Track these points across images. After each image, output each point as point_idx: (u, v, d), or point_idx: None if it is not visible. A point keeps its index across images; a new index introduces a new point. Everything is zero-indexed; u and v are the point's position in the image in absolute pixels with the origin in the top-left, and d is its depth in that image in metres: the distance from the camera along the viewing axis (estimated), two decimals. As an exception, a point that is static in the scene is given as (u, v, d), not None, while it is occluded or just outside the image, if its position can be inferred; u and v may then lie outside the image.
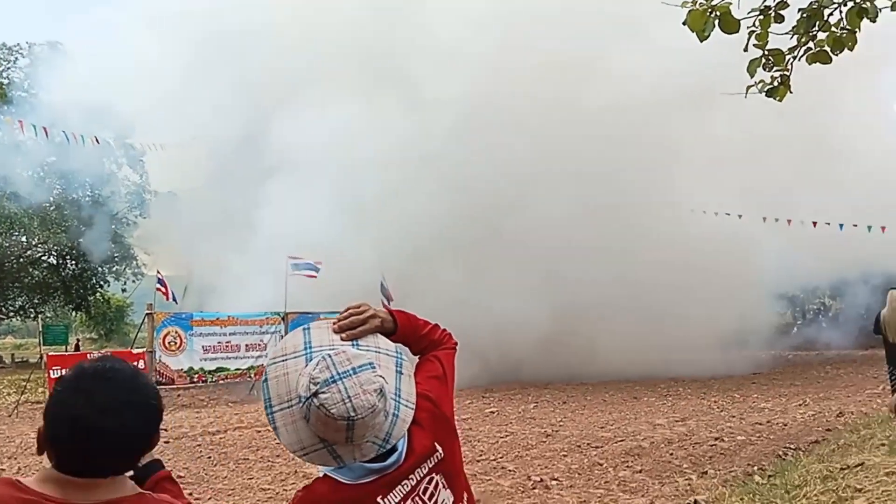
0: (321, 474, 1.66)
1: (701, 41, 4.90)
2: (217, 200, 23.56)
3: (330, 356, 1.57)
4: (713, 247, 19.96)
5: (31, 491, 1.39)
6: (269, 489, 7.82)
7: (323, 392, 1.52)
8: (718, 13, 4.77)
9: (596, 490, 7.11)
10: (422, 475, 1.69)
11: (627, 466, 8.13)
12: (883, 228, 18.83)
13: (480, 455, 9.20)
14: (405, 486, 1.65)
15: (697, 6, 4.78)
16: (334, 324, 1.73)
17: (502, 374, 19.34)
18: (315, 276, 17.69)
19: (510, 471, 8.23)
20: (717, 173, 20.57)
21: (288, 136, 20.48)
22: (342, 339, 1.69)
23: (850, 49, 5.63)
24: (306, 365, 1.59)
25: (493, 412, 13.38)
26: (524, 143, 19.65)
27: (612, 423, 11.54)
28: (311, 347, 1.65)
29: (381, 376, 1.59)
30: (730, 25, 4.87)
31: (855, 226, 19.14)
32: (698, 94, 17.59)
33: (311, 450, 1.58)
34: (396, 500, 1.63)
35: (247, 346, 17.27)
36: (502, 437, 10.46)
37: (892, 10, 5.41)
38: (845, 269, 25.00)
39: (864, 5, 5.33)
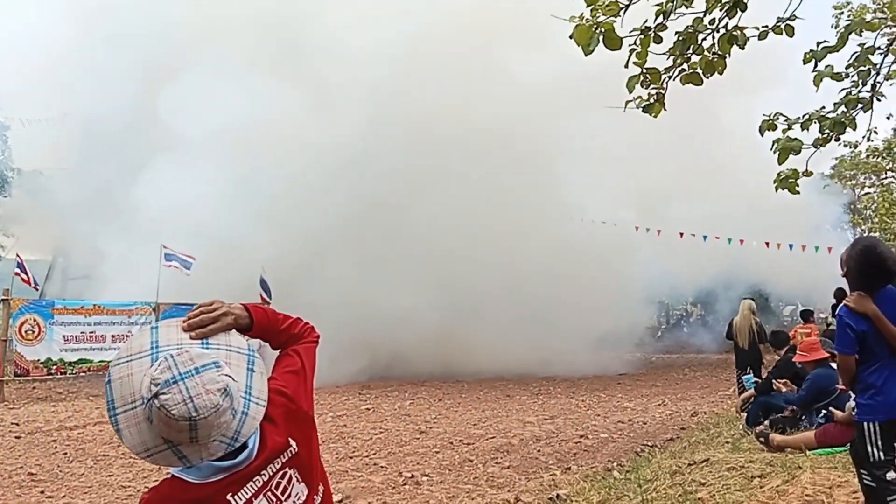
0: (170, 475, 1.64)
1: (586, 55, 5.11)
2: (92, 181, 22.02)
3: (172, 356, 1.56)
4: (591, 252, 20.85)
5: None
6: (129, 486, 7.46)
7: (163, 393, 1.50)
8: (603, 30, 5.01)
9: (465, 485, 7.26)
10: (274, 470, 1.69)
11: (496, 462, 8.34)
12: (741, 241, 20.39)
13: (353, 451, 9.17)
14: (256, 482, 1.65)
15: (584, 22, 4.99)
16: (183, 322, 1.70)
17: (384, 370, 19.39)
18: (188, 272, 16.94)
19: (382, 467, 8.25)
20: (599, 181, 21.46)
21: (175, 116, 19.53)
22: (191, 338, 1.66)
23: (720, 73, 6.04)
24: (151, 365, 1.57)
25: (369, 409, 13.36)
26: (419, 140, 19.73)
27: (484, 420, 11.81)
28: (157, 347, 1.62)
29: (227, 375, 1.58)
30: (613, 42, 5.11)
31: (717, 238, 20.60)
32: (587, 103, 18.26)
33: (155, 451, 1.55)
34: (247, 497, 1.63)
35: (113, 336, 16.30)
36: (376, 434, 10.47)
37: (759, 39, 5.87)
38: (707, 278, 26.90)
39: (734, 33, 5.76)
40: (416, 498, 6.82)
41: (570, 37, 5.05)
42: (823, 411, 6.53)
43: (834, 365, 7.01)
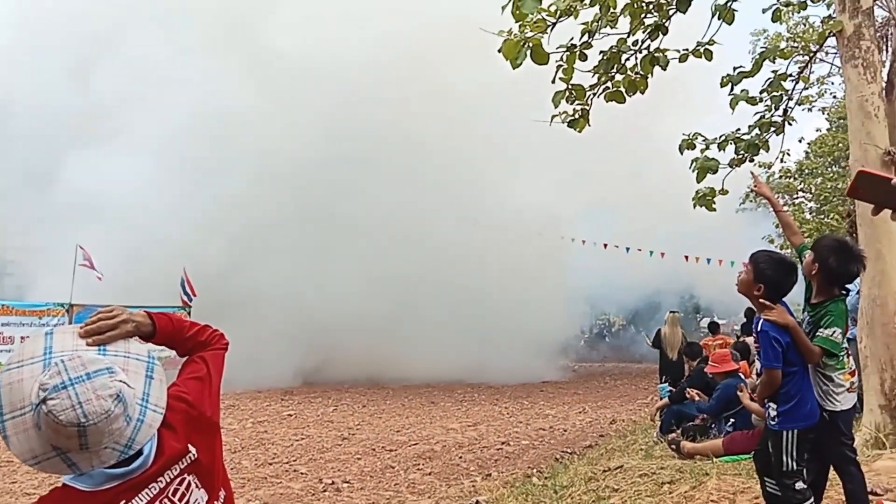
0: (61, 483, 1.61)
1: (514, 68, 5.22)
2: (9, 170, 20.88)
3: (63, 361, 1.53)
4: (520, 261, 21.17)
5: None
6: (34, 494, 7.14)
7: (52, 398, 1.47)
8: (531, 45, 5.12)
9: (385, 492, 7.24)
10: (172, 477, 1.68)
11: (418, 469, 8.36)
12: (662, 254, 21.11)
13: (273, 458, 9.03)
14: (152, 489, 1.64)
15: (512, 37, 5.10)
16: (81, 328, 1.67)
17: (309, 375, 19.14)
18: (99, 277, 16.36)
19: (302, 474, 8.15)
20: (533, 192, 21.80)
21: (102, 104, 18.76)
22: (88, 345, 1.64)
23: (642, 92, 6.27)
24: (43, 371, 1.53)
25: (291, 415, 13.17)
26: (357, 142, 19.59)
27: (408, 426, 11.81)
28: (51, 353, 1.58)
29: (121, 381, 1.56)
30: (540, 58, 5.24)
31: (639, 250, 21.27)
32: (519, 115, 18.54)
33: (43, 458, 1.52)
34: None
35: (23, 338, 15.53)
36: (298, 441, 10.33)
37: (679, 61, 6.12)
38: (630, 290, 27.71)
39: (656, 54, 5.99)
40: (335, 505, 6.77)
41: (499, 51, 5.16)
42: (732, 420, 6.83)
43: (743, 376, 7.36)
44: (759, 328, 3.39)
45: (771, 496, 3.49)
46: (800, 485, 3.31)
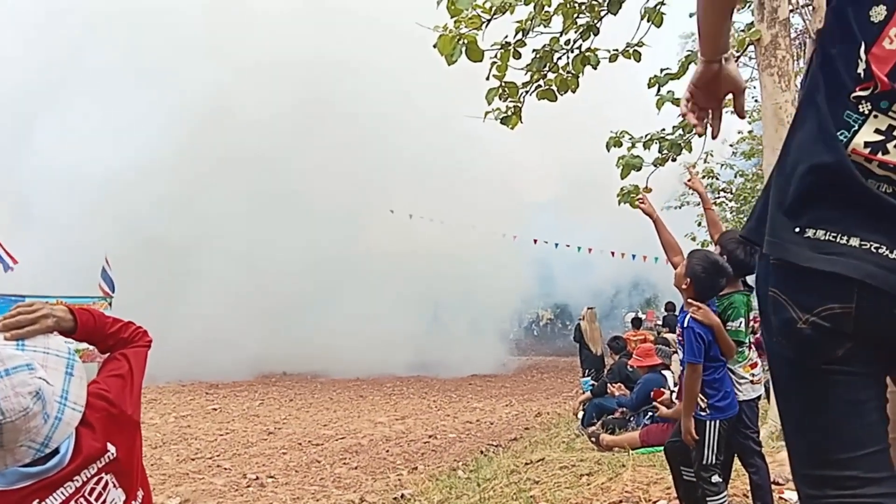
0: None
1: (449, 65, 5.23)
2: None
3: None
4: (457, 255, 21.33)
5: None
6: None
7: None
8: (466, 42, 5.13)
9: (311, 487, 7.18)
10: (89, 476, 1.64)
11: (344, 463, 8.32)
12: (590, 250, 21.58)
13: (196, 453, 8.82)
14: (68, 489, 1.60)
15: (447, 32, 5.10)
16: None
17: (233, 370, 18.76)
18: (11, 268, 15.60)
19: (226, 469, 8.00)
20: (473, 189, 21.96)
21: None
22: (6, 339, 1.59)
23: (573, 91, 6.37)
24: None
25: (215, 409, 12.89)
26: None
27: (335, 420, 11.73)
28: None
29: (41, 378, 1.53)
30: (474, 54, 5.25)
31: (567, 246, 21.69)
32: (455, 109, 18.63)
33: None
34: (57, 503, 1.57)
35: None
36: (222, 435, 10.12)
37: (609, 61, 6.25)
38: (558, 284, 28.26)
39: (587, 54, 6.09)
40: (259, 500, 6.67)
41: (434, 46, 5.15)
42: (650, 413, 7.05)
43: (666, 372, 7.59)
44: (685, 324, 3.52)
45: (687, 484, 3.61)
46: (716, 478, 3.44)
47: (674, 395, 6.02)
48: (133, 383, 1.84)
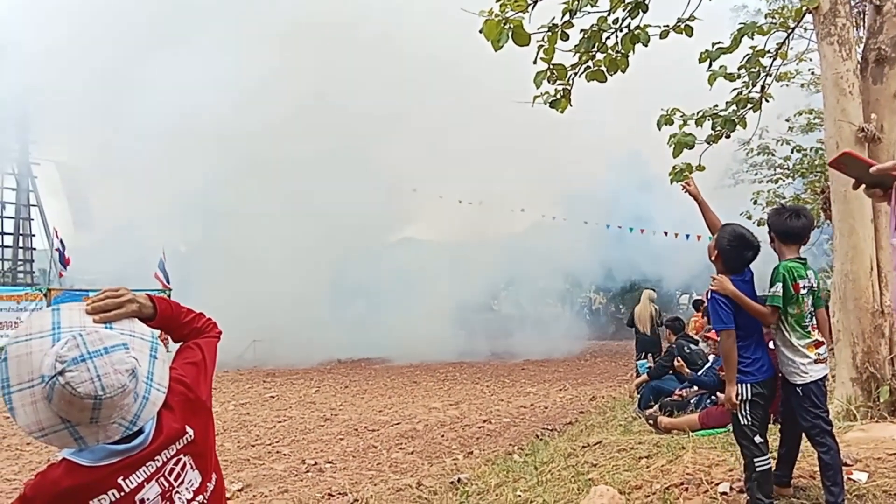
0: (58, 458, 1.63)
1: (496, 50, 5.18)
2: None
3: (81, 335, 1.55)
4: (502, 241, 21.28)
5: None
6: (14, 480, 7.11)
7: (70, 370, 1.49)
8: (512, 26, 5.08)
9: (368, 471, 7.28)
10: (169, 456, 1.71)
11: (401, 448, 8.41)
12: (642, 231, 21.25)
13: (256, 440, 9.03)
14: (150, 467, 1.67)
15: (493, 17, 5.05)
16: (88, 305, 1.69)
17: (285, 357, 19.14)
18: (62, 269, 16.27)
19: (285, 455, 8.17)
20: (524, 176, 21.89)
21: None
22: (95, 322, 1.66)
23: (623, 71, 6.25)
24: (53, 345, 1.55)
25: (273, 397, 13.17)
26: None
27: (390, 406, 11.87)
28: (59, 328, 1.60)
29: (133, 357, 1.59)
30: (521, 38, 5.20)
31: (619, 227, 21.40)
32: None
33: (50, 431, 1.54)
34: (139, 481, 1.64)
35: (1, 323, 15.43)
36: (280, 422, 10.34)
37: (660, 38, 6.11)
38: (610, 267, 27.88)
39: (636, 32, 5.97)
40: (318, 485, 6.79)
41: (480, 31, 5.10)
42: (712, 397, 6.88)
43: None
44: (709, 296, 3.67)
45: (744, 457, 3.65)
46: (758, 438, 3.54)
47: None
48: (206, 371, 1.92)
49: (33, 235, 24.84)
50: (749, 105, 6.87)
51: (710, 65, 6.49)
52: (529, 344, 22.65)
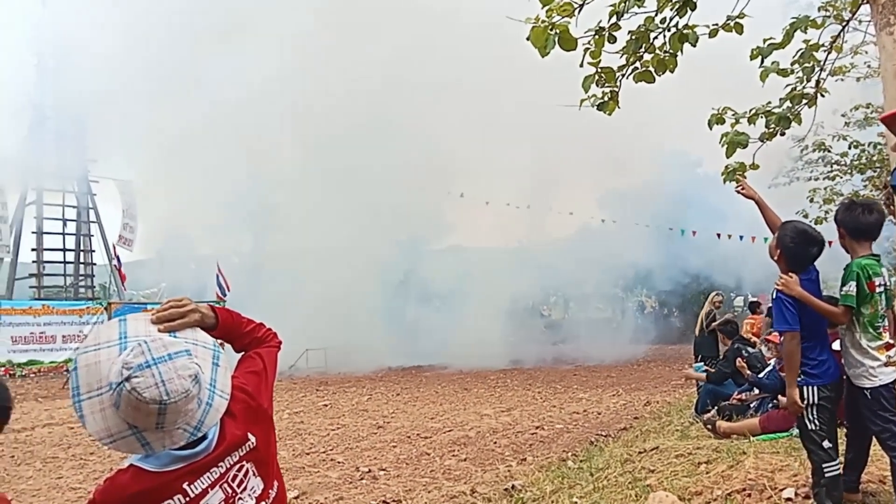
0: (125, 464, 1.66)
1: (542, 56, 5.16)
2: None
3: (146, 342, 1.60)
4: (552, 247, 21.16)
5: None
6: (79, 488, 7.31)
7: (136, 376, 1.53)
8: (558, 31, 5.05)
9: (422, 479, 7.29)
10: (232, 463, 1.74)
11: (453, 455, 8.40)
12: (694, 232, 20.86)
13: (310, 448, 9.14)
14: (213, 474, 1.69)
15: (539, 23, 5.03)
16: (153, 315, 1.74)
17: (338, 366, 19.35)
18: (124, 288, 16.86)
19: (339, 462, 8.24)
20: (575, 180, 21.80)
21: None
22: (159, 331, 1.70)
23: (672, 71, 6.16)
24: (120, 354, 1.59)
25: (326, 405, 13.32)
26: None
27: (442, 413, 11.88)
28: (126, 337, 1.64)
29: (196, 363, 1.63)
30: (568, 43, 5.17)
31: (671, 229, 21.06)
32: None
33: (118, 437, 1.58)
34: (203, 487, 1.67)
35: (64, 337, 15.98)
36: (334, 430, 10.45)
37: (710, 36, 6.00)
38: (662, 270, 27.43)
39: (685, 31, 5.87)
40: (372, 492, 6.83)
41: (527, 38, 5.09)
42: (774, 400, 6.69)
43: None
44: (773, 296, 3.55)
45: (812, 462, 3.56)
46: (826, 443, 3.42)
47: None
48: (267, 380, 1.95)
49: (93, 251, 25.69)
50: (803, 101, 6.69)
51: (762, 61, 6.34)
52: (580, 349, 22.44)
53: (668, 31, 5.87)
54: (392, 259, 20.02)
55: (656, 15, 5.77)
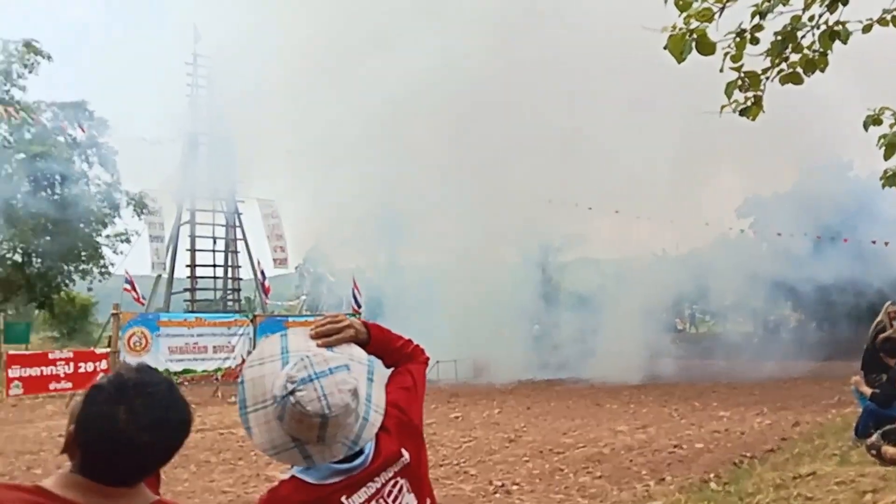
0: (287, 476, 1.72)
1: (679, 63, 5.01)
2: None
3: (308, 356, 1.66)
4: (686, 257, 20.41)
5: (58, 498, 1.38)
6: (230, 492, 7.77)
7: (300, 390, 1.59)
8: (696, 36, 4.90)
9: (556, 495, 7.21)
10: (387, 478, 1.77)
11: (588, 472, 8.23)
12: (845, 240, 19.40)
13: (444, 460, 9.24)
14: (370, 488, 1.73)
15: (677, 31, 4.90)
16: (311, 331, 1.81)
17: (468, 378, 19.51)
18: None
19: (472, 476, 8.28)
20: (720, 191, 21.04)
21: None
22: (317, 346, 1.76)
23: (822, 70, 5.78)
24: (282, 368, 1.66)
25: (457, 417, 13.44)
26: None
27: (574, 429, 11.68)
28: (287, 352, 1.72)
29: (354, 378, 1.68)
30: (706, 48, 4.99)
31: (818, 237, 19.71)
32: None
33: (282, 449, 1.64)
34: (361, 501, 1.70)
35: (214, 347, 17.14)
36: (466, 442, 10.51)
37: (863, 32, 5.60)
38: (803, 282, 25.67)
39: (835, 28, 5.52)
40: (507, 507, 6.83)
41: (665, 47, 4.97)
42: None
43: None
44: None
45: None
46: None
47: None
48: (417, 396, 1.98)
49: (240, 267, 27.50)
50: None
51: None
52: (719, 364, 21.39)
53: (818, 28, 5.54)
54: (525, 272, 19.98)
55: (804, 12, 5.47)
